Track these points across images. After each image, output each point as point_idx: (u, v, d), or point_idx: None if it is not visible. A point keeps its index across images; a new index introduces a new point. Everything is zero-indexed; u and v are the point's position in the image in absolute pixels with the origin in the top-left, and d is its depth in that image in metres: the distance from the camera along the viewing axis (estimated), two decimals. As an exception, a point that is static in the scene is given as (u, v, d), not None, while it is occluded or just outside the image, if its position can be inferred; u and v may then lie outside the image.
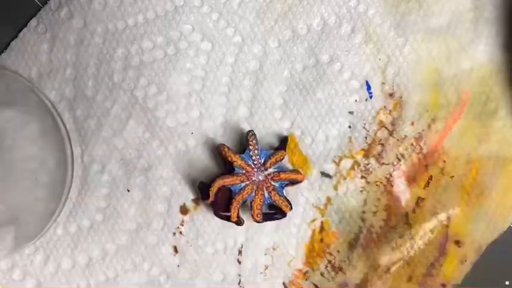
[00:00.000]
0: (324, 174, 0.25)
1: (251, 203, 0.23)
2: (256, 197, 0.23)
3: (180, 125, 0.25)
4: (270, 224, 0.25)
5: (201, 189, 0.24)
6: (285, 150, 0.24)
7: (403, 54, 0.25)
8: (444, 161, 0.25)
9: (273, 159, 0.24)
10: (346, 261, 0.25)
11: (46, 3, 0.25)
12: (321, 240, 0.25)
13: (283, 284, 0.25)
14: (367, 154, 0.25)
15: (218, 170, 0.25)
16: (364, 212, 0.25)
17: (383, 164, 0.25)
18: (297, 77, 0.25)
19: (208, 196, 0.23)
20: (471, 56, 0.25)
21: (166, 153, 0.25)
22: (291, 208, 0.24)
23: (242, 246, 0.25)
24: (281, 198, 0.23)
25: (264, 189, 0.23)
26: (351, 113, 0.25)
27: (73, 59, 0.25)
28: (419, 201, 0.25)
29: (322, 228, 0.25)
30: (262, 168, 0.24)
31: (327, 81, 0.25)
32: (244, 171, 0.23)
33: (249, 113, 0.25)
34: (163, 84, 0.25)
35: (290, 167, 0.25)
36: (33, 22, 0.25)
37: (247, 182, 0.23)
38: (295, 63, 0.25)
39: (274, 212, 0.24)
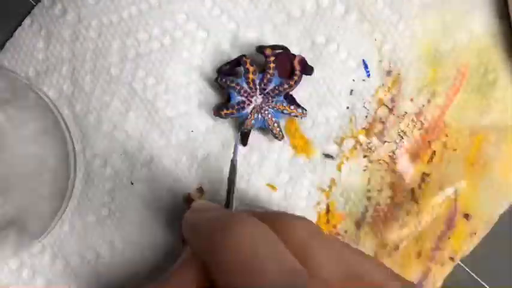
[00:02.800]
0: (327, 156, 0.25)
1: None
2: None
3: (180, 115, 0.25)
4: (276, 209, 0.25)
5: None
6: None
7: (398, 31, 0.25)
8: (446, 135, 0.25)
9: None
10: (354, 240, 0.25)
11: (39, 0, 0.25)
12: (328, 221, 0.25)
13: (293, 267, 0.25)
14: (368, 133, 0.25)
15: (220, 151, 0.25)
16: (369, 191, 0.25)
17: (385, 142, 0.25)
18: (294, 61, 0.25)
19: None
20: (467, 28, 0.25)
21: (168, 143, 0.25)
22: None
23: (249, 233, 0.25)
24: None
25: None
26: (349, 92, 0.25)
27: (69, 55, 0.25)
28: (424, 176, 0.25)
29: (328, 210, 0.25)
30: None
31: (324, 63, 0.25)
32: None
33: (248, 99, 0.25)
34: (161, 75, 0.25)
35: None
36: (27, 20, 0.25)
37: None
38: (291, 46, 0.25)
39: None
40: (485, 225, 0.25)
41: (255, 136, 0.25)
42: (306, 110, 0.24)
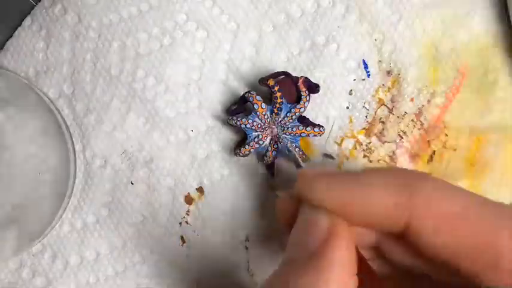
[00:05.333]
0: (327, 156, 0.25)
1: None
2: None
3: (180, 115, 0.25)
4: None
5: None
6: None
7: (398, 31, 0.25)
8: (446, 135, 0.25)
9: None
10: (354, 240, 0.25)
11: (40, 1, 0.25)
12: (328, 221, 0.25)
13: (293, 267, 0.25)
14: (368, 133, 0.25)
15: (222, 152, 0.25)
16: (369, 191, 0.25)
17: (385, 142, 0.25)
18: (294, 61, 0.25)
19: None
20: (467, 28, 0.25)
21: (167, 143, 0.25)
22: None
23: (249, 233, 0.25)
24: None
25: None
26: (349, 92, 0.25)
27: (69, 55, 0.25)
28: (423, 176, 0.25)
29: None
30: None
31: (324, 63, 0.25)
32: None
33: (248, 99, 0.25)
34: (161, 75, 0.25)
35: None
36: (27, 21, 0.25)
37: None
38: (291, 46, 0.25)
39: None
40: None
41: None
42: (322, 126, 0.24)
